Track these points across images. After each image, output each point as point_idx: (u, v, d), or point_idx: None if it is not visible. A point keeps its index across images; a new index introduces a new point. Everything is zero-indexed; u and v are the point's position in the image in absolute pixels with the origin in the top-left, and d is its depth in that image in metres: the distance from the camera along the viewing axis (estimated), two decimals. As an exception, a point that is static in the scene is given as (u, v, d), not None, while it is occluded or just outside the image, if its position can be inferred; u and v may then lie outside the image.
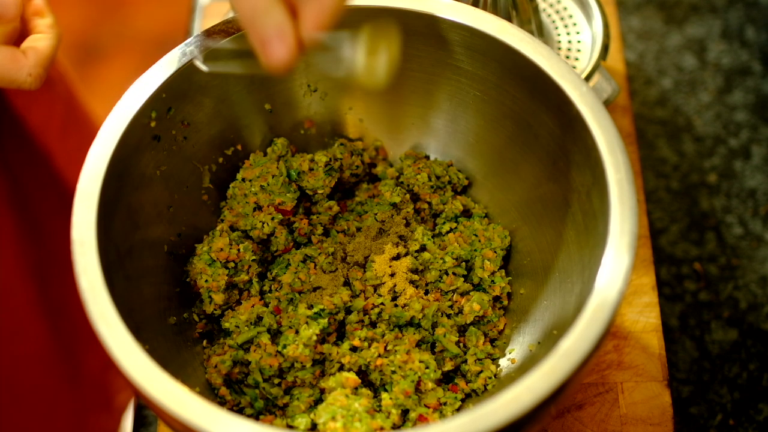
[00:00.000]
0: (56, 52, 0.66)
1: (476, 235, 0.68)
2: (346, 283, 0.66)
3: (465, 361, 0.64)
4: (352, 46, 0.55)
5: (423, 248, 0.66)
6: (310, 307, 0.64)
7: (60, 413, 0.91)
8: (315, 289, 0.65)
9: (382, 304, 0.64)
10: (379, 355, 0.62)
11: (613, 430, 0.67)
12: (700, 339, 0.77)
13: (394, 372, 0.62)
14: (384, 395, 0.61)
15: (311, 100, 0.70)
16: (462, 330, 0.65)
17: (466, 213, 0.70)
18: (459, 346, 0.64)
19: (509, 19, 0.73)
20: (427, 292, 0.66)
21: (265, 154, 0.69)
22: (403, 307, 0.64)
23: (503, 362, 0.65)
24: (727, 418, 0.73)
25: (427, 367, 0.62)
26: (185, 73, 0.61)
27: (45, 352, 0.87)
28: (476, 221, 0.69)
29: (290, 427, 0.61)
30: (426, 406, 0.61)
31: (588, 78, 0.73)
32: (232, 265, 0.65)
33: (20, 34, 0.65)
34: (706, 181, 0.85)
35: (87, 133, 0.88)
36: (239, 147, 0.69)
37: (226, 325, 0.64)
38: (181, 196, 0.66)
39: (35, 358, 0.86)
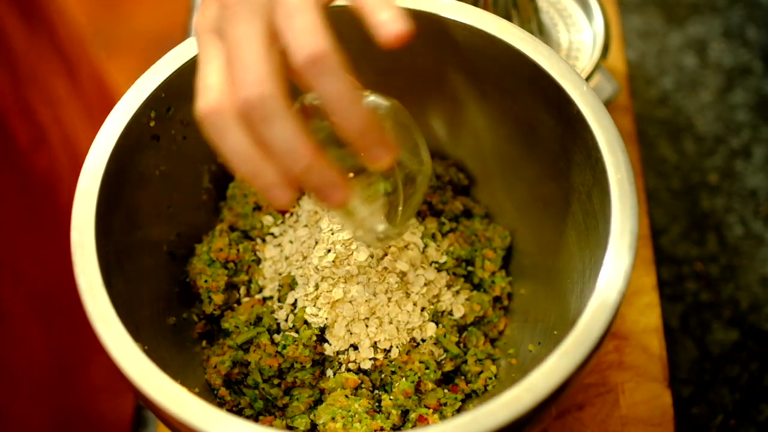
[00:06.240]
0: None
1: (476, 235, 0.68)
2: (346, 283, 0.66)
3: (465, 362, 0.64)
4: None
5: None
6: (310, 307, 0.64)
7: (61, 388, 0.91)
8: (315, 290, 0.65)
9: (382, 304, 0.64)
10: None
11: (613, 431, 0.67)
12: (700, 339, 0.77)
13: (394, 372, 0.62)
14: (384, 396, 0.61)
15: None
16: (462, 330, 0.65)
17: (467, 213, 0.69)
18: (459, 346, 0.64)
19: (509, 18, 0.73)
20: (427, 293, 0.66)
21: (265, 154, 0.68)
22: (403, 308, 0.64)
23: (503, 362, 0.65)
24: (728, 419, 0.73)
25: (427, 368, 0.62)
26: (185, 72, 0.61)
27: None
28: (476, 221, 0.69)
29: (290, 427, 0.61)
30: (426, 406, 0.61)
31: (588, 77, 0.73)
32: (231, 265, 0.65)
33: None
34: (707, 181, 0.84)
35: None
36: (239, 147, 0.69)
37: (226, 325, 0.64)
38: (181, 196, 0.65)
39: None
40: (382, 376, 0.62)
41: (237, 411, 0.62)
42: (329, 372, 0.62)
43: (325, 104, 0.47)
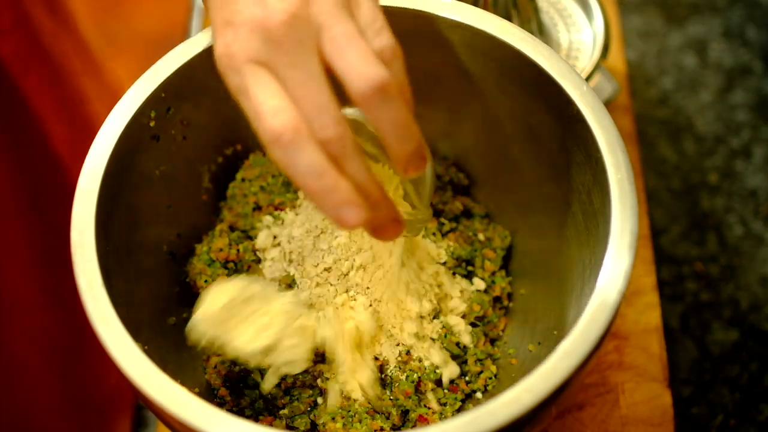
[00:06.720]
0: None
1: (476, 235, 0.68)
2: (346, 283, 0.66)
3: (465, 362, 0.64)
4: None
5: (423, 248, 0.66)
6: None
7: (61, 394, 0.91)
8: (315, 290, 0.65)
9: (382, 304, 0.64)
10: (379, 356, 0.62)
11: (613, 431, 0.67)
12: (700, 339, 0.77)
13: (393, 372, 0.62)
14: (384, 396, 0.61)
15: (311, 99, 0.69)
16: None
17: (467, 213, 0.69)
18: (459, 347, 0.64)
19: (509, 18, 0.73)
20: (427, 293, 0.66)
21: (265, 154, 0.68)
22: (403, 308, 0.64)
23: (503, 362, 0.65)
24: (728, 419, 0.73)
25: (427, 368, 0.62)
26: (185, 72, 0.61)
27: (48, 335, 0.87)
28: (476, 221, 0.69)
29: (290, 427, 0.61)
30: (426, 406, 0.61)
31: (588, 77, 0.73)
32: (231, 265, 0.65)
33: None
34: (707, 181, 0.84)
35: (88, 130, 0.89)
36: (239, 147, 0.69)
37: (226, 325, 0.64)
38: (181, 196, 0.65)
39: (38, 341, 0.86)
40: (382, 376, 0.62)
41: (237, 411, 0.62)
42: (329, 372, 0.62)
43: (382, 130, 0.48)
